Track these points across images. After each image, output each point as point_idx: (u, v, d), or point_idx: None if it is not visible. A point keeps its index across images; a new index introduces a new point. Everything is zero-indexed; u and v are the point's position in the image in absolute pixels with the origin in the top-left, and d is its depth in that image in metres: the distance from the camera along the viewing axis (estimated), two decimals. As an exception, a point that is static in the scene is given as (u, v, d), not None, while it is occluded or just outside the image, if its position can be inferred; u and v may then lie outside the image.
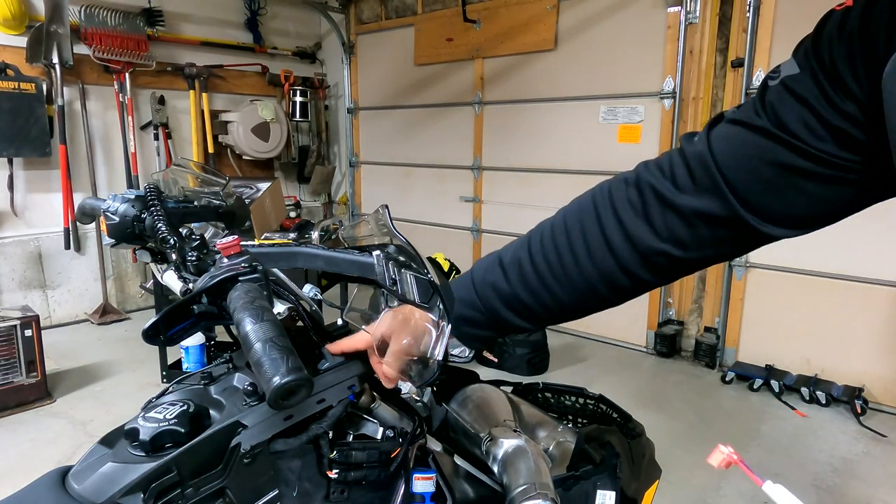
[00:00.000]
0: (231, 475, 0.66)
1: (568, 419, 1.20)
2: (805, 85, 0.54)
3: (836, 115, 0.52)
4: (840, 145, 0.53)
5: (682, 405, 3.37)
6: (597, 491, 0.95)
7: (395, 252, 0.79)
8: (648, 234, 0.66)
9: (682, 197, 0.63)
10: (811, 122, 0.54)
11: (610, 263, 0.69)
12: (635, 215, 0.67)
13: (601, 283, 0.71)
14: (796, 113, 0.55)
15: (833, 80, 0.52)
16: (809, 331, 3.55)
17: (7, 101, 3.94)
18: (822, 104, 0.53)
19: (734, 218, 0.61)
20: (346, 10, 5.78)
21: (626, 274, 0.69)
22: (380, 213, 0.85)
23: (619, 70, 4.10)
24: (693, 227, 0.63)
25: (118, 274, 4.86)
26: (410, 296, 0.73)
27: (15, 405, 3.14)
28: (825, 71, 0.53)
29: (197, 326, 0.70)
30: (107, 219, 0.91)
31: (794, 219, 0.60)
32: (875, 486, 2.60)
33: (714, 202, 0.61)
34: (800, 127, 0.54)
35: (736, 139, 0.61)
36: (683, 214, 0.63)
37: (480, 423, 0.93)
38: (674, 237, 0.65)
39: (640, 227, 0.66)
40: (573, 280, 0.72)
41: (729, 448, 0.70)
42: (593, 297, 0.73)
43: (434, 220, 5.43)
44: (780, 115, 0.56)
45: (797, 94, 0.55)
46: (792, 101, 0.55)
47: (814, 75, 0.54)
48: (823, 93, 0.53)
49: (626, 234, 0.67)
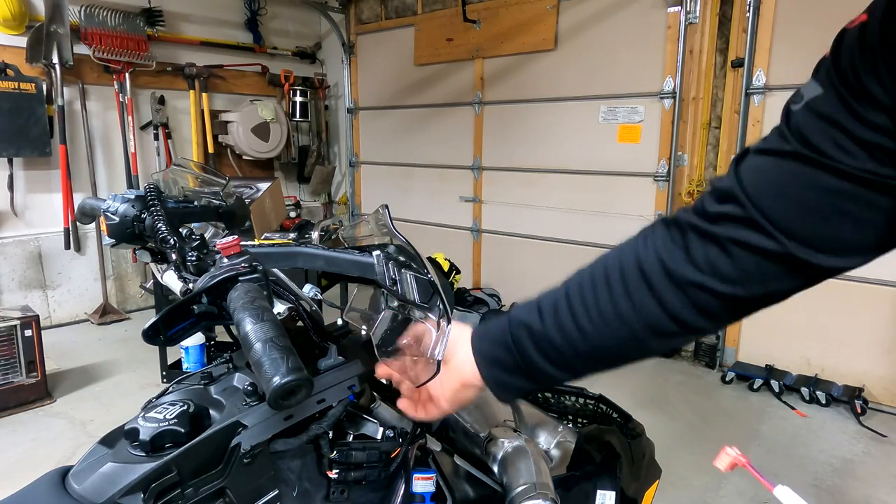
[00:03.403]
0: (231, 475, 0.66)
1: (568, 419, 1.20)
2: (831, 103, 0.53)
3: (866, 129, 0.51)
4: (876, 159, 0.51)
5: (682, 405, 3.37)
6: (597, 491, 0.95)
7: (395, 252, 0.79)
8: (687, 265, 0.61)
9: (717, 227, 0.60)
10: (841, 139, 0.52)
11: (648, 301, 0.63)
12: (674, 247, 0.63)
13: (641, 326, 0.65)
14: (826, 133, 0.53)
15: (859, 95, 0.51)
16: (809, 331, 3.55)
17: (7, 101, 3.94)
18: (851, 120, 0.52)
19: (778, 248, 0.57)
20: (346, 10, 5.78)
21: (667, 314, 0.63)
22: (380, 213, 0.85)
23: (619, 70, 4.10)
24: (732, 256, 0.59)
25: (118, 274, 4.86)
26: (410, 296, 0.73)
27: (15, 405, 3.14)
28: (849, 87, 0.52)
29: (197, 326, 0.70)
30: (107, 219, 0.91)
31: (845, 245, 0.55)
32: (875, 486, 2.60)
33: (752, 234, 0.58)
34: (830, 146, 0.52)
35: (765, 168, 0.58)
36: (720, 242, 0.60)
37: (480, 423, 0.93)
38: (714, 269, 0.60)
39: (678, 258, 0.62)
40: (609, 321, 0.66)
41: (735, 450, 0.68)
42: (631, 342, 0.66)
43: (434, 220, 5.43)
44: (809, 137, 0.54)
45: (823, 114, 0.53)
46: (819, 122, 0.54)
47: (838, 93, 0.52)
48: (850, 109, 0.52)
49: (665, 267, 0.62)
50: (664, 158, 3.92)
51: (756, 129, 3.57)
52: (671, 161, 3.87)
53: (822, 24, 3.23)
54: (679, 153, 3.86)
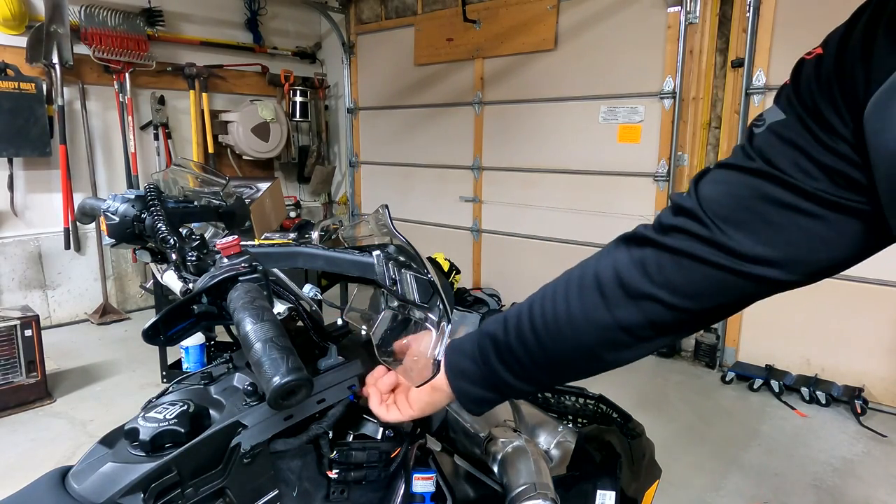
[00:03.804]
0: (231, 475, 0.66)
1: (568, 419, 1.20)
2: (793, 129, 0.54)
3: (829, 155, 0.51)
4: (836, 184, 0.52)
5: (682, 405, 3.37)
6: (597, 491, 0.95)
7: (395, 252, 0.79)
8: (641, 277, 0.61)
9: (670, 238, 0.60)
10: (803, 163, 0.53)
11: (602, 312, 0.63)
12: (630, 260, 0.63)
13: (593, 337, 0.65)
14: (788, 156, 0.53)
15: (820, 123, 0.52)
16: (809, 331, 3.55)
17: (7, 101, 3.94)
18: (813, 145, 0.52)
19: (729, 262, 0.57)
20: (346, 10, 5.78)
21: (619, 325, 0.63)
22: (380, 213, 0.85)
23: (619, 70, 4.10)
24: (683, 268, 0.59)
25: (118, 274, 4.86)
26: (410, 296, 0.73)
27: (15, 405, 3.14)
28: (811, 114, 0.52)
29: (197, 326, 0.70)
30: (107, 219, 0.91)
31: (795, 262, 0.56)
32: (875, 486, 2.60)
33: (703, 247, 0.58)
34: (793, 169, 0.53)
35: (725, 180, 0.58)
36: (672, 253, 0.60)
37: (480, 423, 0.93)
38: (667, 281, 0.60)
39: (632, 270, 0.62)
40: (563, 332, 0.66)
41: None
42: (585, 353, 0.66)
43: (434, 220, 5.43)
44: (772, 159, 0.54)
45: (786, 138, 0.54)
46: (781, 145, 0.54)
47: (800, 119, 0.53)
48: (813, 135, 0.52)
49: (619, 278, 0.63)
50: (664, 158, 3.92)
51: (756, 129, 3.57)
52: (671, 161, 3.87)
53: (822, 24, 3.21)
54: (679, 153, 3.86)
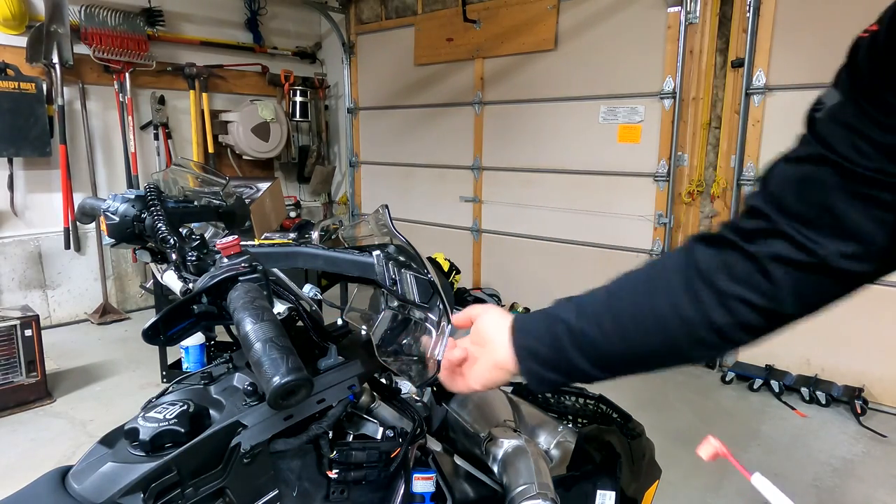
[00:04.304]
0: (231, 475, 0.66)
1: (568, 419, 1.20)
2: (849, 111, 0.55)
3: (884, 133, 0.53)
4: (893, 161, 0.53)
5: (681, 405, 3.37)
6: (597, 491, 0.95)
7: (395, 252, 0.79)
8: (728, 280, 0.63)
9: (753, 245, 0.62)
10: (860, 144, 0.54)
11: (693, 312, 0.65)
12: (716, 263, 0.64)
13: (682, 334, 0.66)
14: (847, 139, 0.55)
15: (876, 102, 0.53)
16: (809, 331, 3.52)
17: (7, 101, 3.94)
18: (868, 126, 0.53)
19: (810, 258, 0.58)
20: (346, 10, 5.78)
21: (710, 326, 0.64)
22: (380, 213, 0.85)
23: (619, 70, 4.10)
24: (769, 272, 0.61)
25: (118, 274, 4.86)
26: (410, 296, 0.73)
27: (15, 405, 3.14)
28: (866, 94, 0.54)
29: (197, 326, 0.70)
30: (107, 219, 0.91)
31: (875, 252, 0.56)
32: (875, 486, 2.60)
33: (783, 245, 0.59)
34: (852, 152, 0.54)
35: (789, 174, 0.60)
36: (756, 259, 0.61)
37: (480, 423, 0.93)
38: (754, 284, 0.62)
39: (720, 273, 0.64)
40: (650, 326, 0.67)
41: (717, 441, 0.72)
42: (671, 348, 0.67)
43: (434, 220, 5.43)
44: (832, 143, 0.56)
45: (843, 121, 0.55)
46: (839, 129, 0.56)
47: (856, 101, 0.54)
48: (868, 115, 0.53)
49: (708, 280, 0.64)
50: (664, 158, 3.91)
51: (756, 129, 3.57)
52: (671, 161, 3.87)
53: (823, 24, 3.23)
54: (679, 153, 3.86)
